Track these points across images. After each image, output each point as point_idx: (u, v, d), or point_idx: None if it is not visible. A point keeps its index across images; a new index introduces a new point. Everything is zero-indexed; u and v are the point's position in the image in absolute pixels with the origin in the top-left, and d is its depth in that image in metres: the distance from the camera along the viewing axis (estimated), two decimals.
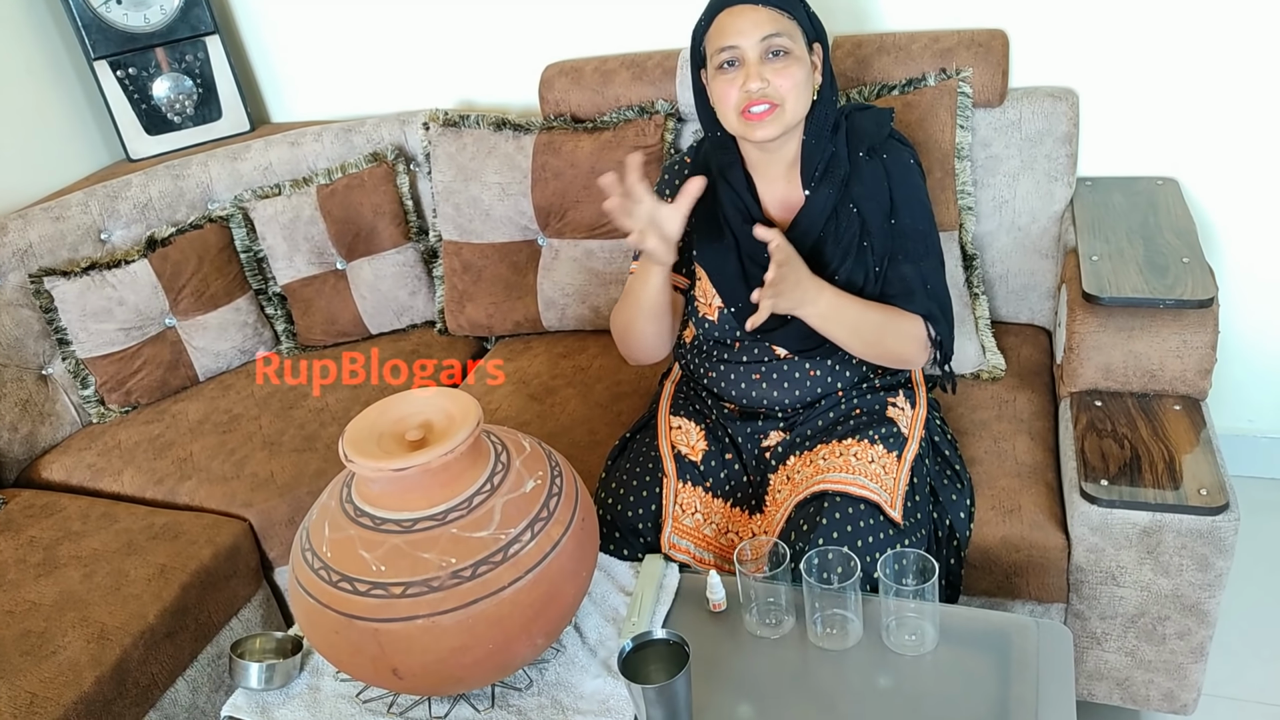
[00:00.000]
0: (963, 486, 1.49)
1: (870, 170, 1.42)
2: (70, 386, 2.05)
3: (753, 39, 1.31)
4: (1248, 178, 1.85)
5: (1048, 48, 1.85)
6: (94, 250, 2.08)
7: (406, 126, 2.23)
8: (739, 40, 1.32)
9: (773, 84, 1.32)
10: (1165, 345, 1.51)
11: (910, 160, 1.44)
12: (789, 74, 1.32)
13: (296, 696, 1.22)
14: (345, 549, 1.06)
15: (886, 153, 1.43)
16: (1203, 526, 1.36)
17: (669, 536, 1.42)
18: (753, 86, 1.32)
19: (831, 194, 1.41)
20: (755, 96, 1.32)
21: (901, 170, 1.43)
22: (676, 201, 1.31)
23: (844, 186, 1.41)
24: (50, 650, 1.45)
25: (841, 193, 1.41)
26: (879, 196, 1.41)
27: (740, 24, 1.32)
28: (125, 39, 2.26)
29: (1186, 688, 1.51)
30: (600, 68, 2.03)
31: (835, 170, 1.41)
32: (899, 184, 1.42)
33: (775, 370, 1.47)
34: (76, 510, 1.78)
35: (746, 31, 1.31)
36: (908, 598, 1.16)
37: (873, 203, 1.41)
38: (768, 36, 1.31)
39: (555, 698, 1.17)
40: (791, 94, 1.33)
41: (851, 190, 1.41)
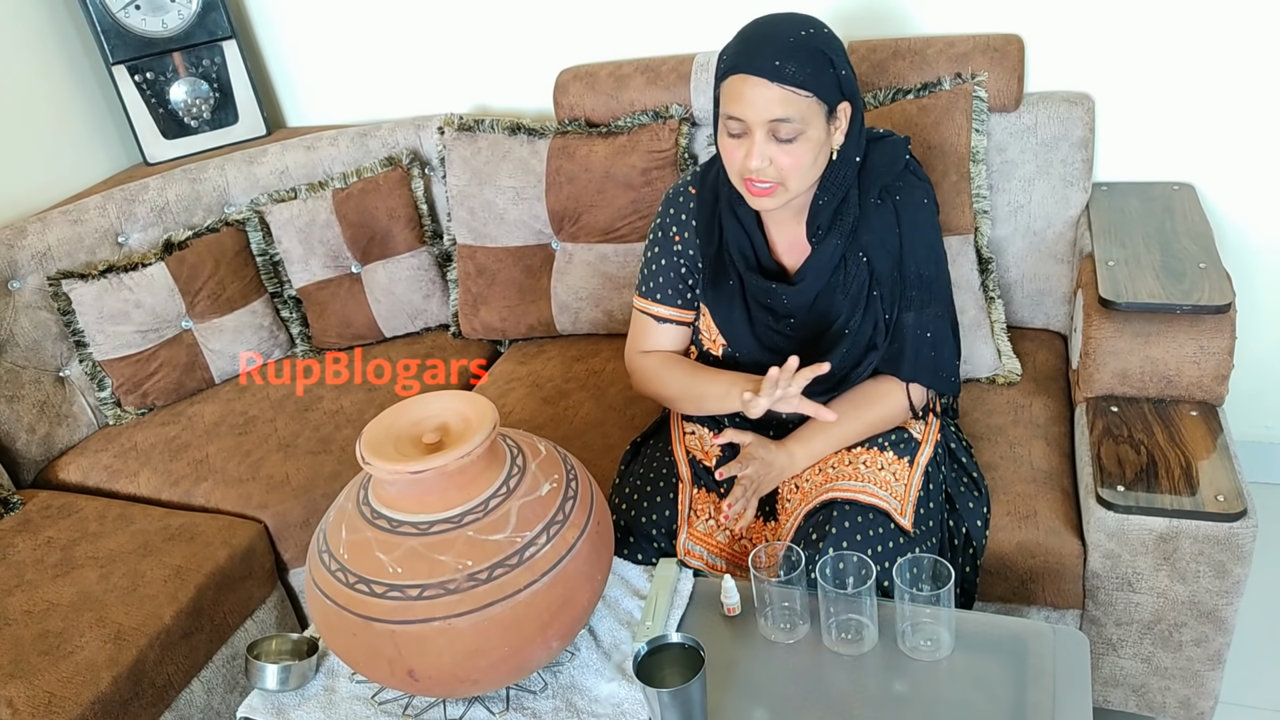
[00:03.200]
0: (980, 493, 1.49)
1: (880, 216, 1.37)
2: (87, 388, 2.06)
3: (760, 117, 1.24)
4: (1264, 182, 1.84)
5: (1063, 53, 1.84)
6: (111, 253, 2.10)
7: (421, 131, 2.24)
8: (746, 114, 1.24)
9: (776, 163, 1.26)
10: (1182, 351, 1.50)
11: (923, 199, 1.39)
12: (794, 155, 1.26)
13: (312, 698, 1.22)
14: (362, 551, 1.06)
15: (899, 194, 1.37)
16: (1220, 533, 1.35)
17: (684, 542, 1.41)
18: (754, 165, 1.26)
19: (839, 244, 1.37)
20: (755, 175, 1.28)
21: (912, 212, 1.38)
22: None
23: (852, 234, 1.37)
24: (68, 650, 1.46)
25: (850, 241, 1.38)
26: (889, 244, 1.37)
27: (751, 96, 1.23)
28: (143, 44, 2.28)
29: (1204, 695, 1.50)
30: (615, 72, 2.03)
31: (844, 218, 1.36)
32: (909, 228, 1.38)
33: None
34: (93, 511, 1.79)
35: (756, 106, 1.23)
36: (923, 603, 1.16)
37: (882, 250, 1.37)
38: (776, 120, 1.23)
39: (570, 701, 1.17)
40: (794, 175, 1.28)
41: (860, 238, 1.37)
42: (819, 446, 1.41)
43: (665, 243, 1.50)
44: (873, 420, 1.42)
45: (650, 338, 1.54)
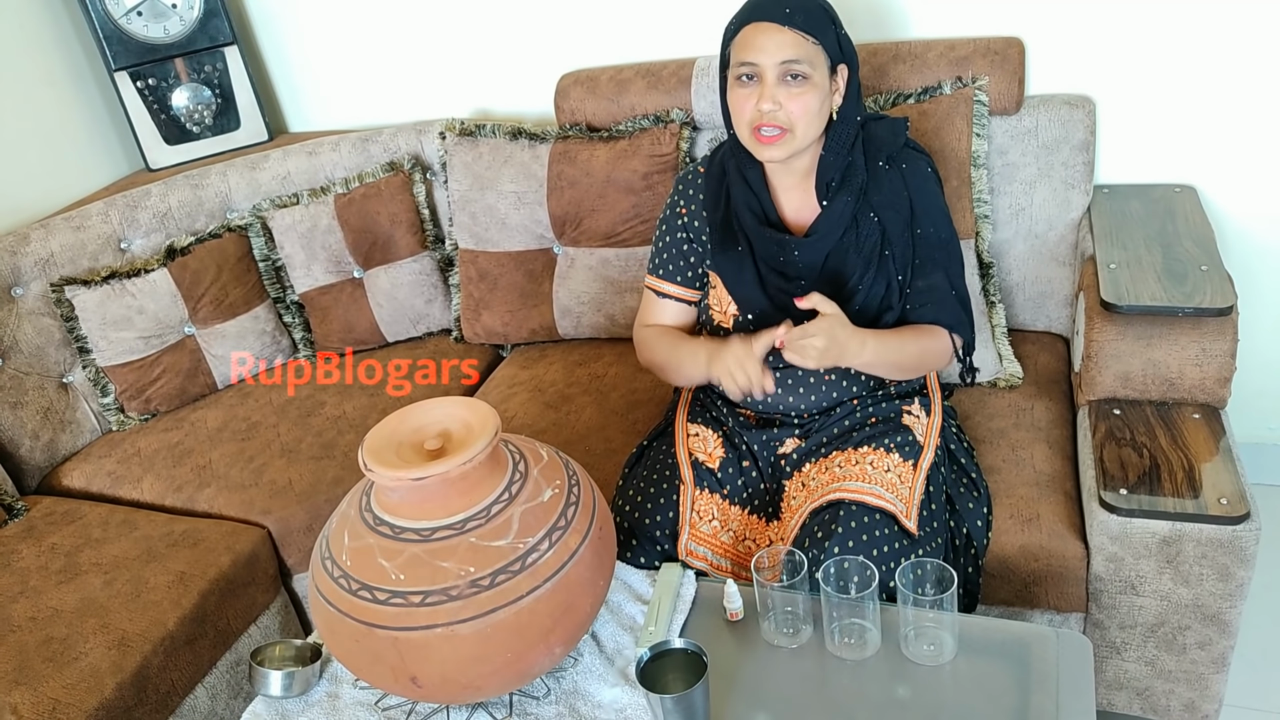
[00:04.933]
0: (980, 495, 1.49)
1: (889, 179, 1.43)
2: (90, 394, 2.06)
3: (773, 59, 1.32)
4: (1266, 184, 1.84)
5: (1064, 55, 1.84)
6: (114, 259, 2.10)
7: (423, 136, 2.24)
8: (759, 58, 1.33)
9: (785, 108, 1.33)
10: (1184, 353, 1.50)
11: (928, 169, 1.46)
12: (803, 100, 1.33)
13: (316, 704, 1.22)
14: (365, 557, 1.07)
15: (905, 162, 1.44)
16: (1223, 536, 1.35)
17: (686, 543, 1.42)
18: (765, 107, 1.33)
19: (849, 202, 1.41)
20: (766, 119, 1.34)
21: (920, 179, 1.44)
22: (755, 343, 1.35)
23: (862, 195, 1.42)
24: (72, 657, 1.46)
25: (860, 201, 1.42)
26: (899, 205, 1.42)
27: (763, 41, 1.32)
28: (145, 50, 2.29)
29: (1208, 698, 1.50)
30: (615, 77, 2.04)
31: (852, 179, 1.42)
32: (919, 193, 1.43)
33: (790, 376, 1.48)
34: (97, 517, 1.79)
35: (768, 50, 1.32)
36: (926, 607, 1.16)
37: (893, 211, 1.42)
38: (787, 61, 1.32)
39: (573, 706, 1.17)
40: (802, 120, 1.34)
41: (871, 199, 1.42)
42: (884, 346, 1.39)
43: (672, 219, 1.56)
44: (927, 347, 1.44)
45: (654, 312, 1.60)
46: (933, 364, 1.47)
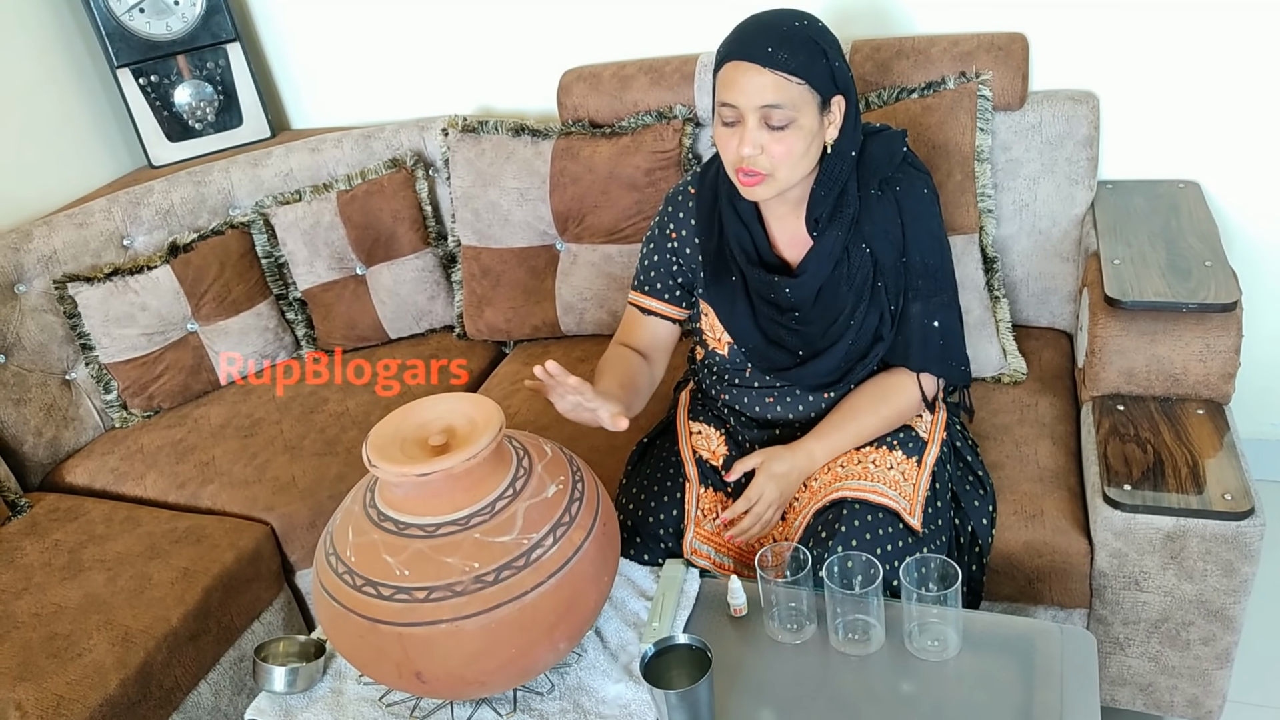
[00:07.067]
0: (985, 492, 1.49)
1: (881, 207, 1.36)
2: (93, 391, 2.07)
3: (752, 103, 1.24)
4: (1270, 180, 1.84)
5: (1068, 51, 1.84)
6: (117, 256, 2.10)
7: (425, 132, 2.24)
8: (739, 100, 1.24)
9: (767, 152, 1.26)
10: (1188, 349, 1.50)
11: (923, 190, 1.38)
12: (785, 144, 1.25)
13: (320, 700, 1.22)
14: (369, 553, 1.07)
15: (899, 185, 1.37)
16: (1227, 532, 1.35)
17: (691, 542, 1.41)
18: (745, 152, 1.26)
19: (840, 236, 1.36)
20: (747, 163, 1.28)
21: (913, 203, 1.37)
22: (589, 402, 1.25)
23: (853, 225, 1.37)
24: (76, 653, 1.46)
25: (851, 232, 1.37)
26: (891, 234, 1.37)
27: (743, 83, 1.23)
28: (147, 47, 2.29)
29: (1212, 694, 1.50)
30: (618, 73, 2.03)
31: (844, 211, 1.36)
32: (911, 219, 1.37)
33: (789, 394, 1.47)
34: (100, 514, 1.79)
35: (748, 93, 1.23)
36: (930, 603, 1.16)
37: (885, 241, 1.37)
38: (767, 106, 1.23)
39: (577, 702, 1.17)
40: (785, 164, 1.27)
41: (863, 229, 1.37)
42: (837, 442, 1.40)
43: (661, 239, 1.50)
44: (889, 414, 1.41)
45: (632, 330, 1.54)
46: (904, 417, 1.43)
